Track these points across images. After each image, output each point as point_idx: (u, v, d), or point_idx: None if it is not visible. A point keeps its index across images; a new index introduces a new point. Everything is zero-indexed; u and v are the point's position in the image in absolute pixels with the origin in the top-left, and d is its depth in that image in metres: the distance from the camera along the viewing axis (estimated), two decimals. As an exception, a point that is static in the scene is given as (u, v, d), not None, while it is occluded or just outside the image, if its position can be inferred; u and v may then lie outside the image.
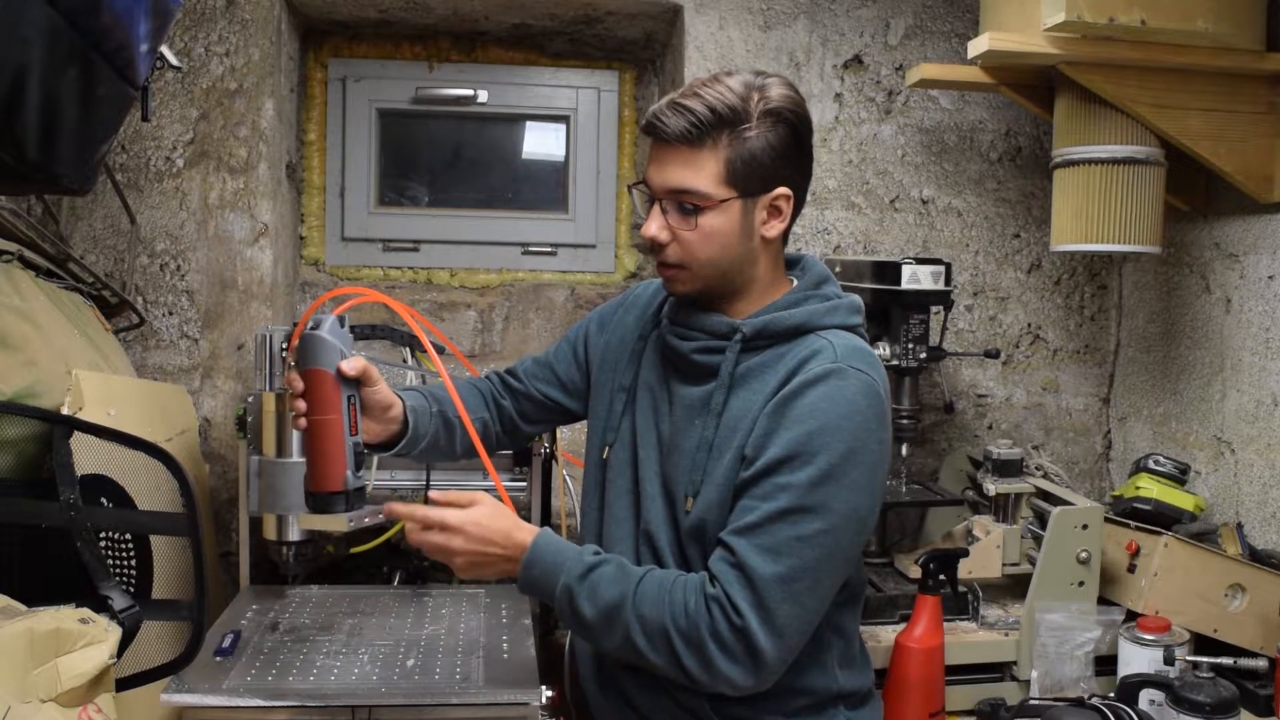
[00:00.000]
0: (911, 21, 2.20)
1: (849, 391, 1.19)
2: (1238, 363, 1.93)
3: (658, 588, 1.18)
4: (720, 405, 1.26)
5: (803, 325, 1.26)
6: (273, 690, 1.29)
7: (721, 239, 1.24)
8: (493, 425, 1.52)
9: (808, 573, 1.16)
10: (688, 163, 1.21)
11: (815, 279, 1.33)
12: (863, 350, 1.25)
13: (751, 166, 1.22)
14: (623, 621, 1.18)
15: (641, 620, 1.17)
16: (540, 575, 1.22)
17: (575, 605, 1.20)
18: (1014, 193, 2.26)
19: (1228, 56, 1.73)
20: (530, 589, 1.23)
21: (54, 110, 1.14)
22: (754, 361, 1.26)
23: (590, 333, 1.50)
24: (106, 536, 1.38)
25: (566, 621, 1.24)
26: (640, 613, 1.17)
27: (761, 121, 1.21)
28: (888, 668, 1.59)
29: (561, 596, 1.20)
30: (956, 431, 2.27)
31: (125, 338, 1.96)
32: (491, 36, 2.35)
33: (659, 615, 1.17)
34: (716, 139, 1.20)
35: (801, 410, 1.18)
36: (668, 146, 1.23)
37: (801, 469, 1.16)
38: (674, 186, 1.22)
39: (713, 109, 1.19)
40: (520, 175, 2.47)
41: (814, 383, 1.19)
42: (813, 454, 1.16)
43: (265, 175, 2.05)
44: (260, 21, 2.03)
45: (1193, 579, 1.66)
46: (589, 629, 1.21)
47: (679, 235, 1.24)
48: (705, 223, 1.23)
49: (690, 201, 1.22)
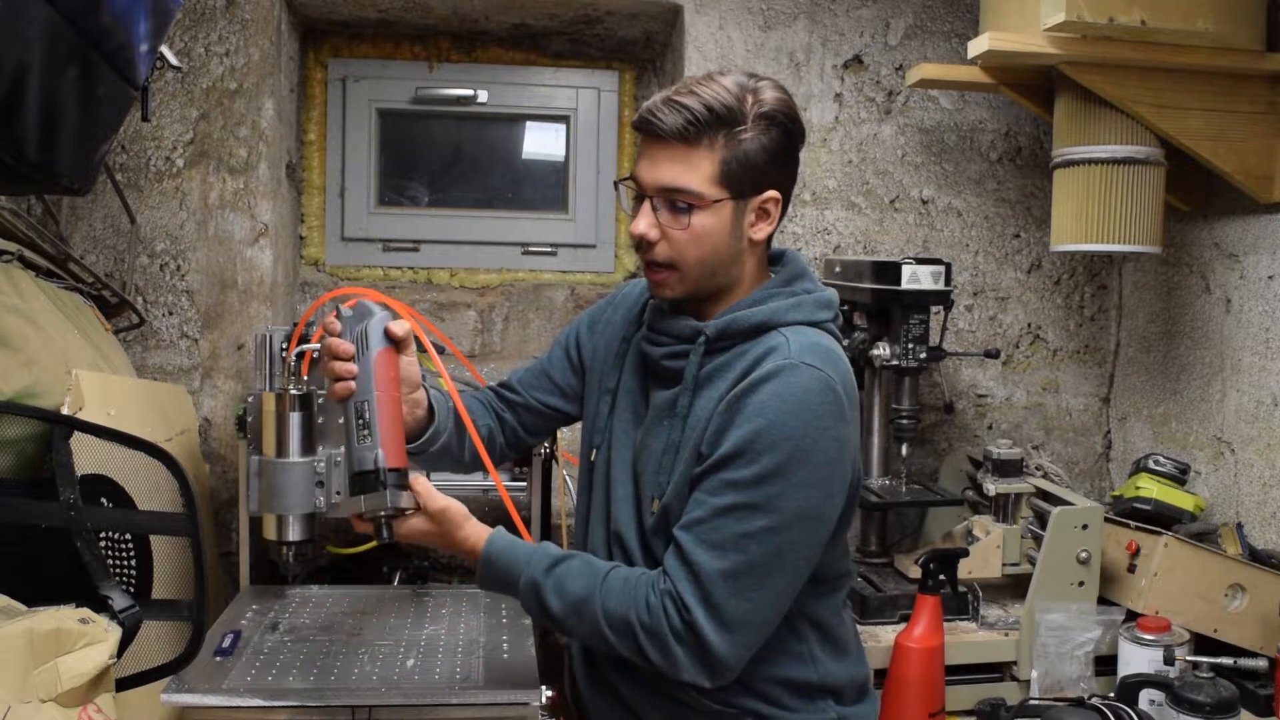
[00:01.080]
0: (911, 21, 2.20)
1: (797, 388, 1.18)
2: (1238, 363, 1.93)
3: (623, 583, 1.20)
4: (685, 408, 1.26)
5: (764, 323, 1.26)
6: (273, 690, 1.29)
7: (711, 240, 1.23)
8: (497, 435, 1.51)
9: (754, 569, 1.16)
10: (682, 161, 1.21)
11: (788, 276, 1.32)
12: (820, 346, 1.24)
13: (745, 169, 1.22)
14: (590, 615, 1.20)
15: (608, 615, 1.19)
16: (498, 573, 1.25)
17: (541, 599, 1.22)
18: (1014, 193, 2.26)
19: (1228, 56, 1.73)
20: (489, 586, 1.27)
21: (54, 110, 1.14)
22: (718, 362, 1.26)
23: (581, 335, 1.50)
24: (106, 536, 1.38)
25: (533, 615, 1.27)
26: (607, 608, 1.19)
27: (756, 124, 1.21)
28: (888, 668, 1.59)
29: (526, 590, 1.23)
30: (956, 431, 2.27)
31: (125, 338, 1.95)
32: (491, 36, 2.35)
33: (624, 610, 1.19)
34: (712, 139, 1.20)
35: (751, 408, 1.18)
36: (661, 143, 1.22)
37: (747, 466, 1.17)
38: (667, 184, 1.22)
39: (710, 107, 1.19)
40: (520, 175, 2.47)
41: (765, 380, 1.19)
42: (759, 452, 1.17)
43: (265, 175, 2.05)
44: (260, 21, 2.03)
45: (1193, 579, 1.66)
46: (557, 621, 1.23)
47: (669, 234, 1.23)
48: (697, 222, 1.22)
49: (683, 200, 1.22)
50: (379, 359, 1.24)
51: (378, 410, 1.23)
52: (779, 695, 1.28)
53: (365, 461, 1.22)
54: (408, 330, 1.28)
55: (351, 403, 1.24)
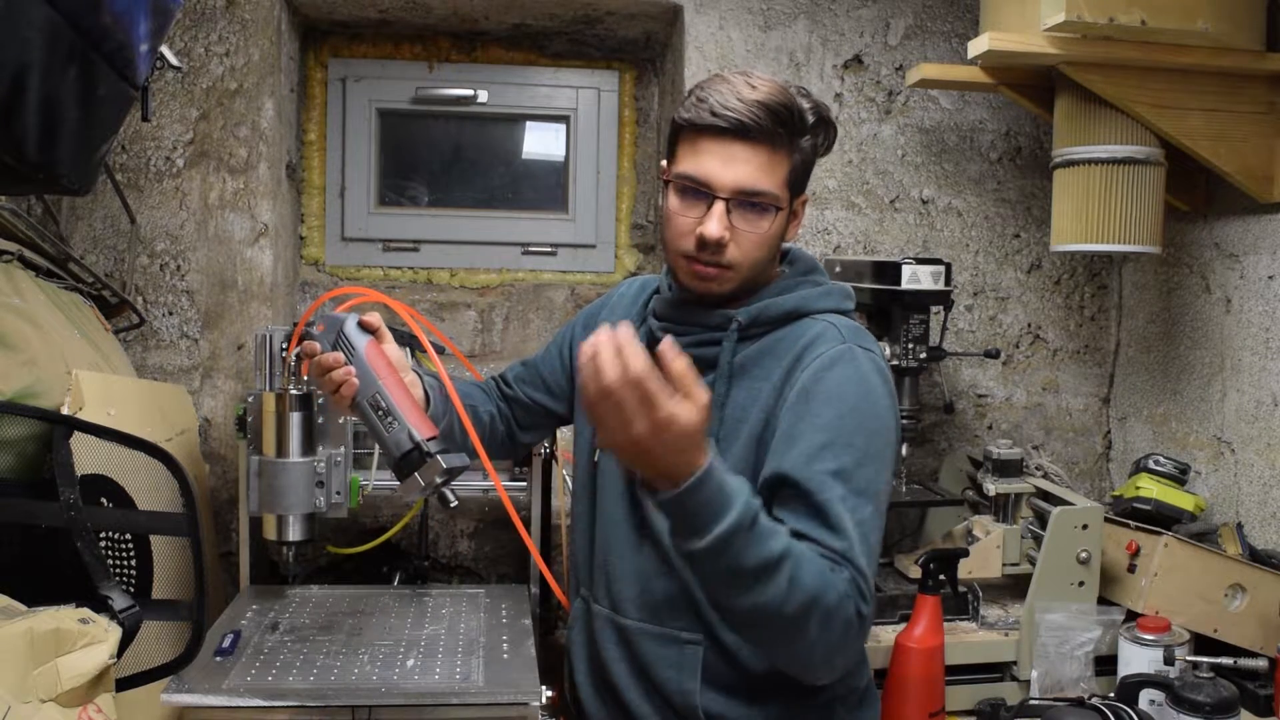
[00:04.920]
0: (911, 21, 2.20)
1: (864, 371, 1.21)
2: (1238, 363, 1.93)
3: (809, 559, 1.07)
4: (723, 396, 1.26)
5: (797, 309, 1.28)
6: (273, 690, 1.29)
7: (772, 241, 1.26)
8: (499, 423, 1.52)
9: (872, 553, 1.15)
10: (766, 164, 1.21)
11: (804, 267, 1.35)
12: (863, 330, 1.29)
13: (800, 173, 1.26)
14: (779, 579, 1.04)
15: (795, 585, 1.04)
16: (701, 505, 1.02)
17: (736, 550, 1.02)
18: (1014, 193, 2.26)
19: (1228, 56, 1.73)
20: (677, 512, 1.03)
21: (54, 110, 1.14)
22: (752, 350, 1.27)
23: (575, 335, 1.50)
24: (106, 536, 1.38)
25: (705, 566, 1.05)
26: (796, 576, 1.05)
27: (814, 130, 1.25)
28: (888, 668, 1.59)
29: (725, 535, 1.01)
30: (956, 431, 2.27)
31: (125, 338, 1.96)
32: (491, 36, 2.35)
33: (815, 586, 1.06)
34: (791, 143, 1.23)
35: (827, 393, 1.19)
36: (740, 143, 1.20)
37: (845, 452, 1.16)
38: (748, 187, 1.21)
39: (798, 113, 1.22)
40: (520, 175, 2.47)
41: (830, 366, 1.20)
42: (850, 433, 1.16)
43: (265, 175, 2.05)
44: (260, 21, 2.03)
45: (1193, 579, 1.66)
46: (738, 578, 1.04)
47: (740, 236, 1.23)
48: (770, 225, 1.24)
49: (764, 202, 1.22)
50: (369, 353, 1.28)
51: (391, 395, 1.26)
52: (792, 706, 1.27)
53: (402, 444, 1.24)
54: (379, 319, 1.31)
55: (364, 400, 1.27)
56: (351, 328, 1.30)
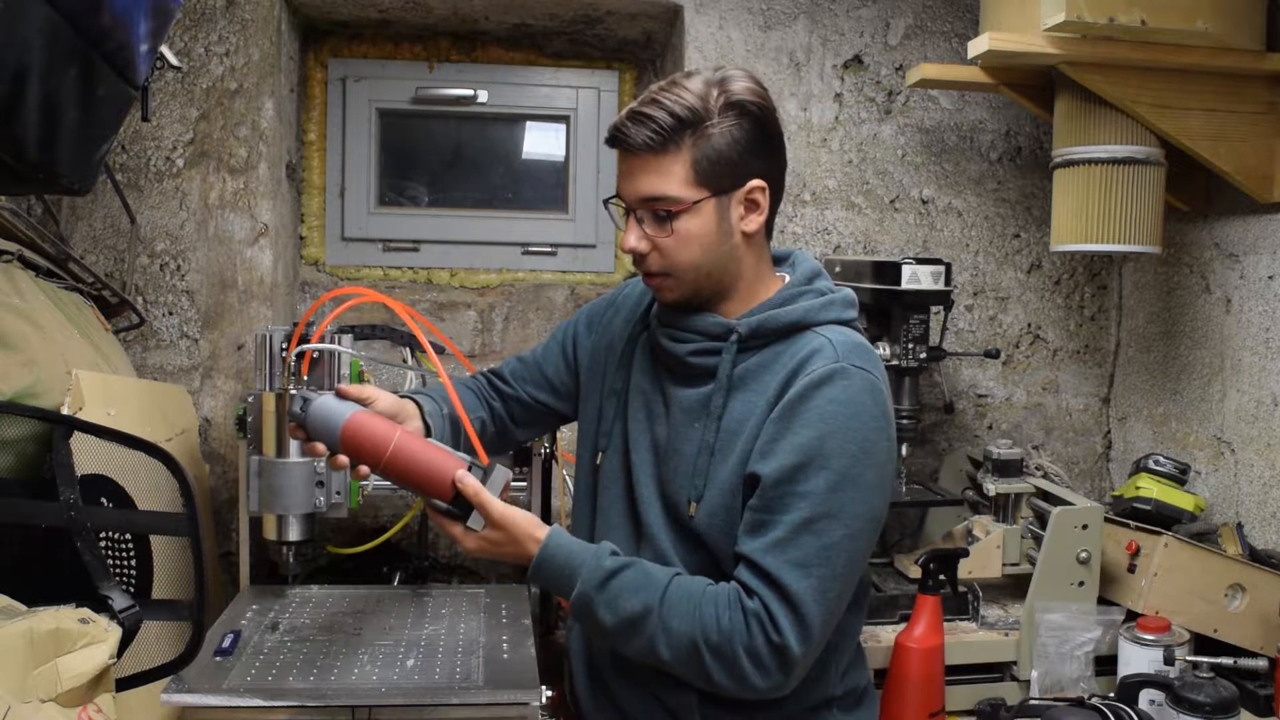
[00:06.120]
0: (911, 21, 2.20)
1: (854, 391, 1.18)
2: (1238, 363, 1.93)
3: (686, 600, 1.17)
4: (720, 408, 1.25)
5: (799, 322, 1.25)
6: (273, 690, 1.29)
7: (700, 240, 1.23)
8: (489, 426, 1.51)
9: (837, 580, 1.16)
10: (655, 170, 1.20)
11: (807, 274, 1.32)
12: (861, 347, 1.25)
13: (719, 163, 1.21)
14: (647, 632, 1.17)
15: (668, 633, 1.16)
16: (551, 578, 1.22)
17: (593, 613, 1.19)
18: (1014, 193, 2.26)
19: (1228, 56, 1.73)
20: (541, 586, 1.25)
21: (54, 110, 1.14)
22: (752, 362, 1.25)
23: (579, 333, 1.49)
24: (106, 536, 1.38)
25: (582, 625, 1.24)
26: (668, 625, 1.16)
27: (724, 116, 1.20)
28: (888, 668, 1.59)
29: (577, 602, 1.20)
30: (956, 431, 2.27)
31: (125, 338, 1.96)
32: (491, 36, 2.35)
33: (688, 629, 1.16)
34: (679, 142, 1.19)
35: (810, 414, 1.17)
36: (634, 156, 1.22)
37: (817, 474, 1.16)
38: (645, 195, 1.22)
39: (673, 113, 1.19)
40: (520, 175, 2.47)
41: (819, 385, 1.18)
42: (827, 457, 1.16)
43: (265, 175, 2.05)
44: (260, 21, 2.03)
45: (1193, 579, 1.66)
46: (607, 635, 1.21)
47: (658, 243, 1.23)
48: (681, 227, 1.22)
49: (663, 208, 1.21)
50: (360, 425, 1.23)
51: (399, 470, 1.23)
52: (790, 709, 1.27)
53: (438, 506, 1.23)
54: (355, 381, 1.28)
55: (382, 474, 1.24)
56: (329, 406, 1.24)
